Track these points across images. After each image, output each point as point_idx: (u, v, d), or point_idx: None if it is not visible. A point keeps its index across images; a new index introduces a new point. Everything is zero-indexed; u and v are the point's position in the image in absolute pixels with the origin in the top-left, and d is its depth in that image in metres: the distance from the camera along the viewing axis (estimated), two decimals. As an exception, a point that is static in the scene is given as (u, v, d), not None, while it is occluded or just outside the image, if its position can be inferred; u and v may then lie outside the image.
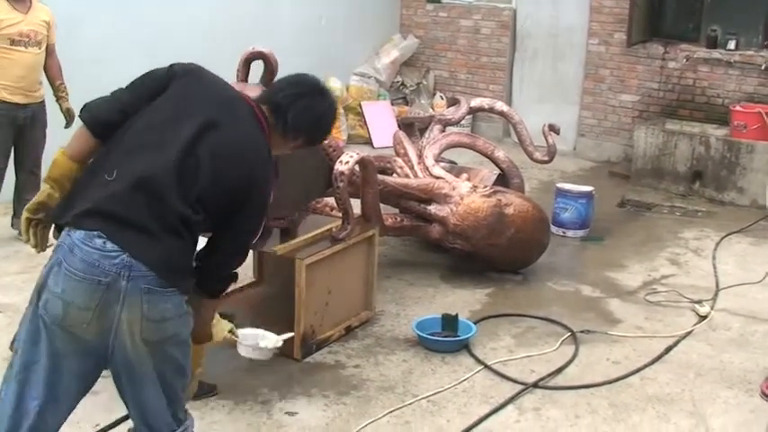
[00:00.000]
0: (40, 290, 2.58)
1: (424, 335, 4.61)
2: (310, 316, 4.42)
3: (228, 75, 5.12)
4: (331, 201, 5.01)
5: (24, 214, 2.81)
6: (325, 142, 4.76)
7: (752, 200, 7.39)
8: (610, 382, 4.29)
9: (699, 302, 5.25)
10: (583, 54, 9.01)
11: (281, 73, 4.77)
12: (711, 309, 5.20)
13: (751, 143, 7.41)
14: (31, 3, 5.53)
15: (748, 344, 4.79)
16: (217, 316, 3.15)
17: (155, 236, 2.53)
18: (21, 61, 5.49)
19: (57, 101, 5.78)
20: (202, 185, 2.61)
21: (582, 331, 4.83)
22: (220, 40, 7.59)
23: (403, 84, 9.91)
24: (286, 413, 3.93)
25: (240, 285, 5.28)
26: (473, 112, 6.77)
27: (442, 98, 9.58)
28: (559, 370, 4.41)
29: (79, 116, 2.79)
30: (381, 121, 9.06)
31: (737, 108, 7.67)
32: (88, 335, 2.55)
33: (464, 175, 5.77)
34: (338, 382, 4.23)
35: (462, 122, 7.47)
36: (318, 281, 4.44)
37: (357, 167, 4.65)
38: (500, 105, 6.52)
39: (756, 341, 4.83)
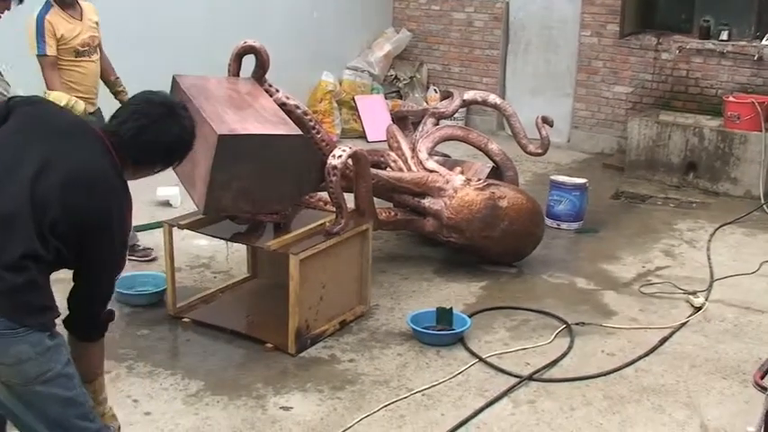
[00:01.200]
0: None
1: (419, 329, 4.61)
2: (305, 311, 4.41)
3: (220, 69, 5.13)
4: (324, 195, 5.00)
5: None
6: (318, 136, 4.78)
7: (746, 190, 7.39)
8: (605, 374, 4.29)
9: (693, 294, 5.25)
10: (576, 46, 9.00)
11: (274, 67, 4.79)
12: (706, 300, 5.20)
13: (744, 134, 7.41)
14: (80, 7, 5.20)
15: (743, 334, 4.80)
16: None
17: None
18: (89, 71, 5.22)
19: (116, 97, 5.39)
20: (53, 217, 2.49)
21: (577, 323, 4.83)
22: (211, 34, 7.56)
23: (396, 77, 9.89)
24: (281, 408, 3.92)
25: (234, 280, 5.29)
26: (466, 104, 6.75)
27: (436, 91, 9.57)
28: (554, 362, 4.41)
29: None
30: (375, 115, 9.04)
31: (731, 99, 7.66)
32: None
33: (458, 169, 5.76)
34: (333, 376, 4.22)
35: (456, 115, 7.43)
36: (312, 275, 4.43)
37: (350, 161, 4.64)
38: (493, 98, 6.50)
39: (751, 332, 4.83)
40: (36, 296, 2.51)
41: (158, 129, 2.67)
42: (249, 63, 4.76)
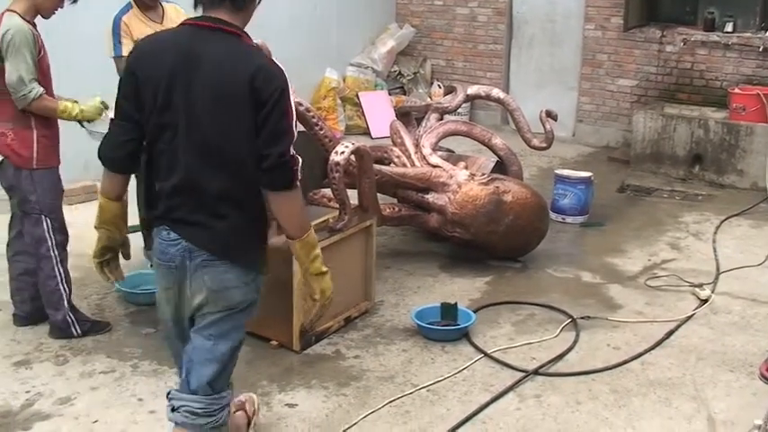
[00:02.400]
0: None
1: (424, 324, 4.60)
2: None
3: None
4: (328, 192, 4.99)
5: (94, 261, 3.17)
6: (321, 132, 4.77)
7: (752, 182, 7.36)
8: (611, 368, 4.28)
9: (699, 286, 5.23)
10: (580, 39, 8.97)
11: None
12: (712, 292, 5.18)
13: (750, 125, 7.38)
14: (162, 9, 5.03)
15: (749, 327, 4.77)
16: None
17: (202, 224, 2.81)
18: None
19: None
20: (216, 144, 2.75)
21: (582, 317, 4.81)
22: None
23: (400, 73, 9.87)
24: (286, 405, 3.92)
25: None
26: (470, 99, 6.74)
27: (440, 87, 9.55)
28: (560, 357, 4.39)
29: (100, 160, 2.98)
30: (379, 112, 9.03)
31: (736, 90, 7.64)
32: (174, 309, 2.95)
33: (462, 164, 5.75)
34: (338, 373, 4.22)
35: (460, 110, 7.44)
36: (316, 272, 4.41)
37: (353, 158, 4.63)
38: (497, 92, 6.48)
39: (757, 324, 4.81)
40: (238, 236, 2.88)
41: None
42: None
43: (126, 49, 4.85)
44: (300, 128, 4.37)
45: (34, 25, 4.22)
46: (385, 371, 4.24)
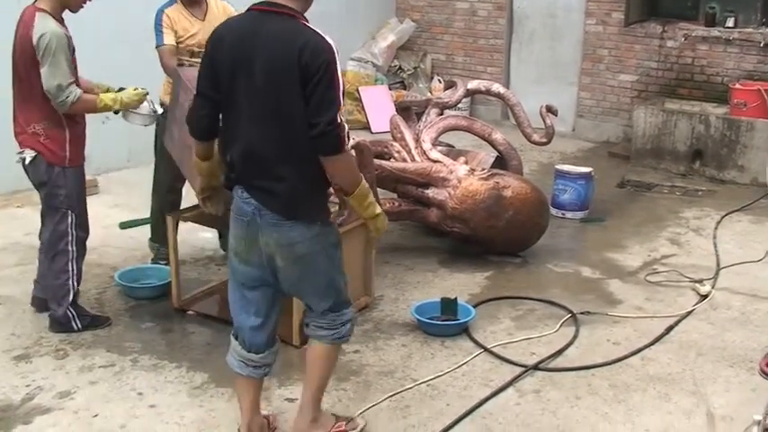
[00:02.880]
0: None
1: (424, 319, 4.60)
2: (309, 302, 4.40)
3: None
4: (328, 186, 4.98)
5: (198, 197, 3.65)
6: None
7: (752, 178, 7.36)
8: (610, 363, 4.28)
9: (700, 282, 5.23)
10: (580, 34, 8.96)
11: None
12: (712, 288, 5.18)
13: (751, 121, 7.37)
14: (206, 6, 5.05)
15: (749, 322, 4.77)
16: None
17: (266, 189, 3.14)
18: None
19: None
20: (272, 114, 3.06)
21: (582, 313, 4.81)
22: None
23: (400, 68, 9.87)
24: (285, 399, 3.92)
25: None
26: (470, 94, 6.73)
27: (440, 81, 9.55)
28: (560, 352, 4.39)
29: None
30: (379, 106, 9.03)
31: (737, 86, 7.63)
32: (249, 261, 3.27)
33: (462, 159, 5.74)
34: (338, 367, 4.18)
35: (460, 105, 7.43)
36: (316, 267, 4.41)
37: (353, 152, 4.61)
38: (497, 87, 6.47)
39: (758, 320, 4.81)
40: (300, 197, 3.19)
41: None
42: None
43: (168, 38, 4.91)
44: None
45: (62, 20, 4.26)
46: (385, 365, 4.24)
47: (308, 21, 3.15)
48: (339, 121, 3.03)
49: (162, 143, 5.00)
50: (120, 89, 4.52)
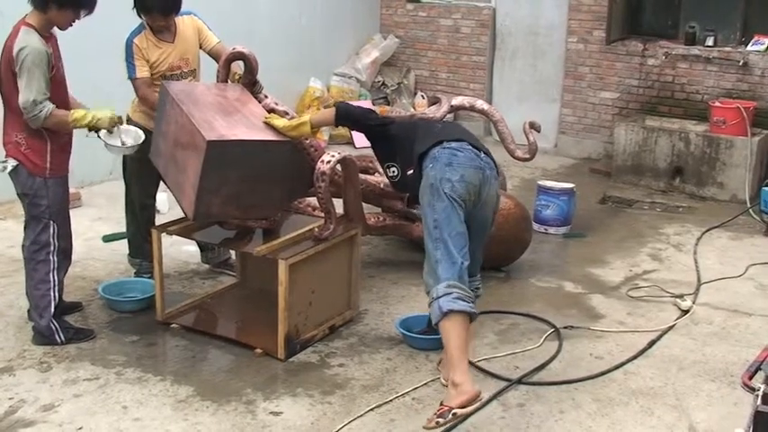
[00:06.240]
0: (440, 186, 3.80)
1: (408, 333, 4.61)
2: (294, 316, 4.41)
3: (208, 75, 5.14)
4: (313, 200, 5.00)
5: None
6: (306, 142, 4.78)
7: (732, 195, 7.44)
8: (593, 377, 4.31)
9: (680, 297, 5.29)
10: (562, 52, 9.04)
11: (262, 73, 4.80)
12: (693, 303, 5.23)
13: (730, 138, 7.46)
14: (175, 27, 4.96)
15: (730, 337, 4.83)
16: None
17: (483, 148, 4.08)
18: None
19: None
20: None
21: (565, 327, 4.85)
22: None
23: (384, 83, 9.91)
24: (270, 413, 3.92)
25: (223, 286, 5.28)
26: (454, 110, 6.73)
27: (423, 97, 9.59)
28: (543, 366, 4.42)
29: (337, 106, 4.22)
30: (363, 121, 9.02)
31: (716, 104, 7.72)
32: (471, 204, 3.88)
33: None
34: (323, 381, 4.22)
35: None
36: (301, 281, 4.43)
37: (339, 167, 4.64)
38: (481, 104, 6.49)
39: (738, 334, 4.86)
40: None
41: None
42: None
43: (141, 71, 4.88)
44: (284, 138, 4.41)
45: (50, 37, 4.27)
46: (370, 379, 4.25)
47: None
48: None
49: (130, 163, 5.04)
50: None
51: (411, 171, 4.03)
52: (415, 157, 3.99)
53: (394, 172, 4.15)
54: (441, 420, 3.51)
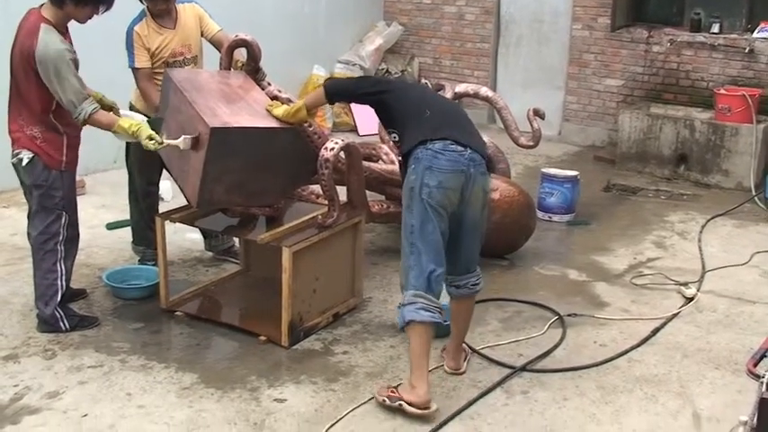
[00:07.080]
0: (419, 190, 3.74)
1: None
2: (298, 303, 4.41)
3: (211, 63, 5.12)
4: (317, 188, 5.00)
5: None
6: (310, 129, 4.77)
7: (737, 182, 7.43)
8: (597, 365, 4.31)
9: (685, 285, 5.28)
10: (567, 39, 9.01)
11: (265, 61, 4.78)
12: (697, 291, 5.22)
13: (735, 126, 7.44)
14: (176, 13, 4.96)
15: (734, 324, 4.82)
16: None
17: (474, 135, 3.94)
18: None
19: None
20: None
21: (569, 315, 4.84)
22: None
23: (387, 71, 9.88)
24: (275, 400, 3.92)
25: (227, 273, 5.29)
26: (458, 97, 6.73)
27: (427, 84, 9.56)
28: (547, 353, 4.42)
29: (324, 83, 4.13)
30: (366, 109, 8.98)
31: (722, 91, 7.69)
32: (453, 206, 3.80)
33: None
34: (326, 368, 4.23)
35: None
36: (305, 268, 4.43)
37: (342, 154, 4.63)
38: (485, 91, 6.50)
39: (742, 322, 4.85)
40: None
41: None
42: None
43: (141, 60, 4.87)
44: (287, 125, 4.40)
45: (67, 30, 4.28)
46: (373, 366, 4.25)
47: None
48: None
49: (134, 151, 5.04)
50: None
51: (405, 151, 3.96)
52: (403, 151, 3.94)
53: (395, 138, 4.08)
54: (387, 401, 3.81)
